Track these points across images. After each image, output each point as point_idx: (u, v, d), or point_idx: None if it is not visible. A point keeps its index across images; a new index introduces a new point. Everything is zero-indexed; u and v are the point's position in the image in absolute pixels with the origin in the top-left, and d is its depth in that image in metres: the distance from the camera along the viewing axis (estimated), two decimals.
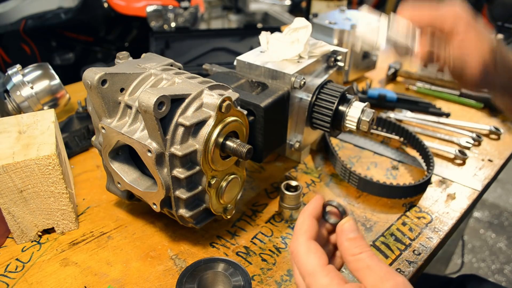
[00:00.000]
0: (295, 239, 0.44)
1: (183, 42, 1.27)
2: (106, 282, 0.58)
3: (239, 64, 0.76)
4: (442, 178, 0.82)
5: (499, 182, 2.52)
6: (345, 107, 0.74)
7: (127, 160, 0.62)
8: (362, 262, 0.40)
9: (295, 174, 0.83)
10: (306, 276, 0.41)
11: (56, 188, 0.62)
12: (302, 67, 0.73)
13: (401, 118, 1.01)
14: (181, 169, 0.55)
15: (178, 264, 0.61)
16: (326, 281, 0.39)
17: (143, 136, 0.55)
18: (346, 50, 0.81)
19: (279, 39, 0.77)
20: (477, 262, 2.04)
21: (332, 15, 1.22)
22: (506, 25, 1.32)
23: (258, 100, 0.66)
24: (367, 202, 0.75)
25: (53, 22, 1.79)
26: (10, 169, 0.57)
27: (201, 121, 0.54)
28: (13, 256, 0.62)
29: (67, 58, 1.85)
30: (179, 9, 1.66)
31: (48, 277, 0.59)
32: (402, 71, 1.24)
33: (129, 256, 0.63)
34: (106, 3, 1.77)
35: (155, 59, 0.64)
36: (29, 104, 0.84)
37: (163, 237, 0.66)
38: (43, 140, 0.62)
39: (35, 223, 0.63)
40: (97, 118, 0.60)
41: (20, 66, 0.86)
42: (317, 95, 0.75)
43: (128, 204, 0.72)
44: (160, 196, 0.57)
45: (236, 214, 0.71)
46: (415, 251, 0.65)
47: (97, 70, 0.55)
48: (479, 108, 1.10)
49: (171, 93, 0.52)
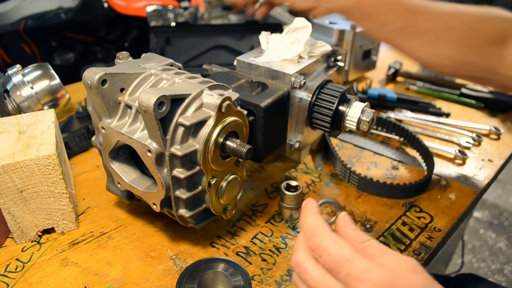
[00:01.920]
0: (318, 235, 0.42)
1: (184, 39, 1.27)
2: (106, 282, 0.58)
3: (239, 64, 0.76)
4: (442, 178, 0.82)
5: (499, 182, 2.52)
6: (345, 107, 0.74)
7: (127, 160, 0.62)
8: (375, 248, 0.40)
9: (295, 174, 0.83)
10: (344, 265, 0.39)
11: (56, 188, 0.62)
12: (302, 67, 0.73)
13: (401, 118, 1.01)
14: (181, 169, 0.55)
15: (178, 264, 0.61)
16: (367, 263, 0.38)
17: (143, 136, 0.55)
18: (346, 50, 0.81)
19: (279, 39, 0.77)
20: (477, 262, 2.04)
21: (332, 15, 1.22)
22: None
23: (258, 100, 0.66)
24: (367, 202, 0.75)
25: (53, 22, 1.78)
26: (10, 169, 0.57)
27: (201, 121, 0.54)
28: (13, 256, 0.62)
29: (67, 58, 1.85)
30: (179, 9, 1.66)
31: (48, 277, 0.59)
32: (402, 71, 1.24)
33: (129, 256, 0.63)
34: (106, 3, 1.77)
35: (155, 59, 0.64)
36: (29, 104, 0.84)
37: (163, 237, 0.66)
38: (43, 140, 0.62)
39: (35, 223, 0.63)
40: (97, 118, 0.60)
41: (20, 66, 0.86)
42: (317, 95, 0.75)
43: (128, 204, 0.72)
44: (160, 196, 0.57)
45: (236, 214, 0.71)
46: (415, 251, 0.65)
47: (97, 70, 0.55)
48: (479, 108, 1.10)
49: (171, 93, 0.52)
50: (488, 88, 1.12)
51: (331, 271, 0.40)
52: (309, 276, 0.41)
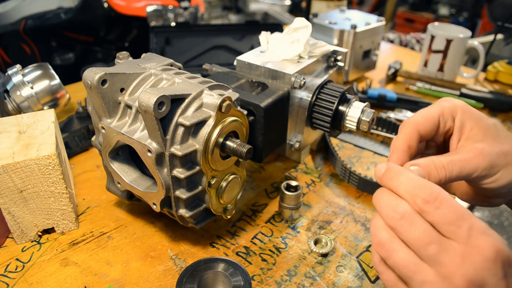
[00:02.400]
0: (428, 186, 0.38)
1: (184, 38, 1.27)
2: (106, 282, 0.58)
3: (239, 64, 0.76)
4: None
5: None
6: (345, 107, 0.74)
7: (127, 160, 0.62)
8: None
9: (295, 174, 0.82)
10: (467, 218, 0.36)
11: (56, 188, 0.62)
12: (302, 67, 0.73)
13: (401, 118, 1.01)
14: (181, 169, 0.55)
15: (178, 264, 0.61)
16: (479, 220, 0.36)
17: (143, 136, 0.55)
18: (346, 50, 0.81)
19: (279, 39, 0.77)
20: None
21: (332, 15, 1.22)
22: (506, 25, 1.32)
23: (258, 100, 0.66)
24: (367, 202, 0.75)
25: (53, 22, 1.78)
26: (10, 169, 0.57)
27: (201, 121, 0.54)
28: (13, 256, 0.62)
29: (67, 58, 1.85)
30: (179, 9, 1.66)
31: (48, 277, 0.59)
32: (402, 71, 1.24)
33: (129, 256, 0.63)
34: (106, 3, 1.77)
35: (155, 59, 0.64)
36: (29, 104, 0.84)
37: (163, 237, 0.66)
38: (43, 140, 0.62)
39: (35, 223, 0.63)
40: (97, 118, 0.60)
41: (20, 66, 0.86)
42: (317, 95, 0.75)
43: (128, 204, 0.72)
44: (160, 196, 0.57)
45: (236, 214, 0.71)
46: None
47: (97, 70, 0.55)
48: (479, 108, 1.10)
49: (171, 93, 0.52)
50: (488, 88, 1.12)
51: (448, 225, 0.36)
52: (399, 257, 0.38)
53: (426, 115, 0.46)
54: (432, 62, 1.22)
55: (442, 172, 0.43)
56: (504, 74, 1.26)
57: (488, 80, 1.29)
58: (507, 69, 1.26)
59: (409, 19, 4.46)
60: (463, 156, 0.44)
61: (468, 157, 0.44)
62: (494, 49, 1.87)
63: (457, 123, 0.46)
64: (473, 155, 0.44)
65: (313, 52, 0.77)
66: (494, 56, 1.81)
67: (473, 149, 0.44)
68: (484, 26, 3.67)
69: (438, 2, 4.55)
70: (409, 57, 1.46)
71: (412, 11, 4.60)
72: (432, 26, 1.21)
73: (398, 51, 1.57)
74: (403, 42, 2.32)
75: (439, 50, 1.19)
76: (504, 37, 1.80)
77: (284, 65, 0.73)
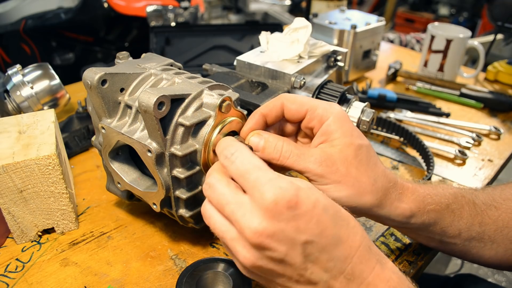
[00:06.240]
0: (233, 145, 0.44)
1: (184, 38, 1.27)
2: (106, 282, 0.58)
3: (239, 64, 0.76)
4: (442, 178, 0.82)
5: (499, 182, 2.51)
6: (345, 107, 0.73)
7: (127, 160, 0.62)
8: None
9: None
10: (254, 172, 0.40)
11: (56, 188, 0.62)
12: (302, 67, 0.73)
13: (401, 118, 1.01)
14: (181, 169, 0.55)
15: (178, 264, 0.61)
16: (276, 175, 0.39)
17: (143, 136, 0.55)
18: (346, 50, 0.81)
19: (279, 39, 0.77)
20: None
21: (332, 15, 1.22)
22: (506, 25, 1.32)
23: (258, 100, 0.66)
24: None
25: (53, 22, 1.79)
26: (10, 169, 0.57)
27: (201, 121, 0.54)
28: (13, 256, 0.62)
29: (67, 58, 1.85)
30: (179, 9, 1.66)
31: (48, 277, 0.59)
32: (402, 71, 1.24)
33: (129, 256, 0.63)
34: (106, 3, 1.77)
35: (155, 59, 0.64)
36: (29, 104, 0.84)
37: (163, 237, 0.66)
38: (43, 140, 0.62)
39: (35, 223, 0.63)
40: (97, 118, 0.60)
41: (20, 66, 0.86)
42: (317, 95, 0.75)
43: (128, 204, 0.72)
44: (160, 196, 0.57)
45: None
46: (415, 251, 0.65)
47: (97, 70, 0.55)
48: (479, 108, 1.10)
49: (171, 93, 0.52)
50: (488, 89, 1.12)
51: (240, 177, 0.40)
52: (218, 192, 0.41)
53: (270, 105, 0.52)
54: (432, 62, 1.22)
55: (276, 154, 0.48)
56: (504, 74, 1.26)
57: (488, 80, 1.29)
58: (507, 69, 1.26)
59: (409, 19, 4.46)
60: (310, 154, 0.48)
61: (310, 157, 0.47)
62: (494, 49, 1.87)
63: (324, 127, 0.49)
64: (313, 159, 0.47)
65: (313, 52, 0.77)
66: (494, 56, 1.82)
67: (319, 154, 0.47)
68: (484, 26, 3.67)
69: (438, 2, 4.56)
70: (409, 57, 1.46)
71: (412, 11, 4.60)
72: (432, 26, 1.22)
73: (398, 51, 1.57)
74: (403, 42, 2.32)
75: (439, 50, 1.19)
76: (504, 37, 1.80)
77: (284, 65, 0.73)
